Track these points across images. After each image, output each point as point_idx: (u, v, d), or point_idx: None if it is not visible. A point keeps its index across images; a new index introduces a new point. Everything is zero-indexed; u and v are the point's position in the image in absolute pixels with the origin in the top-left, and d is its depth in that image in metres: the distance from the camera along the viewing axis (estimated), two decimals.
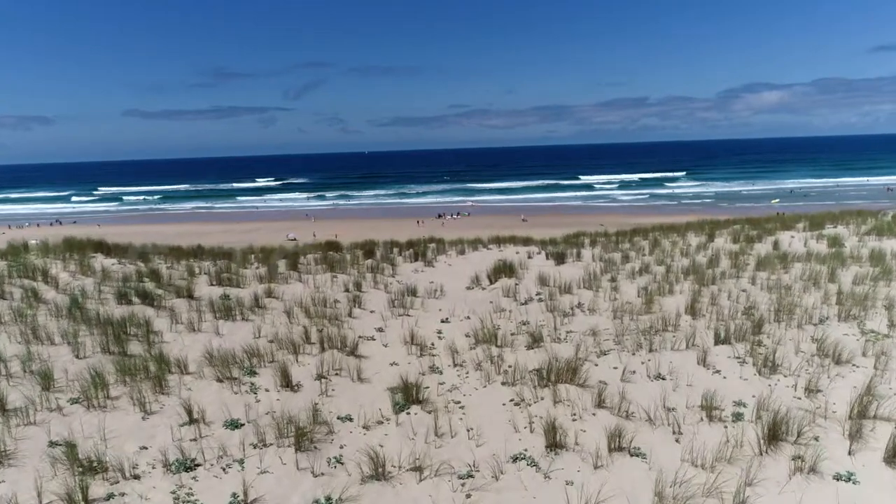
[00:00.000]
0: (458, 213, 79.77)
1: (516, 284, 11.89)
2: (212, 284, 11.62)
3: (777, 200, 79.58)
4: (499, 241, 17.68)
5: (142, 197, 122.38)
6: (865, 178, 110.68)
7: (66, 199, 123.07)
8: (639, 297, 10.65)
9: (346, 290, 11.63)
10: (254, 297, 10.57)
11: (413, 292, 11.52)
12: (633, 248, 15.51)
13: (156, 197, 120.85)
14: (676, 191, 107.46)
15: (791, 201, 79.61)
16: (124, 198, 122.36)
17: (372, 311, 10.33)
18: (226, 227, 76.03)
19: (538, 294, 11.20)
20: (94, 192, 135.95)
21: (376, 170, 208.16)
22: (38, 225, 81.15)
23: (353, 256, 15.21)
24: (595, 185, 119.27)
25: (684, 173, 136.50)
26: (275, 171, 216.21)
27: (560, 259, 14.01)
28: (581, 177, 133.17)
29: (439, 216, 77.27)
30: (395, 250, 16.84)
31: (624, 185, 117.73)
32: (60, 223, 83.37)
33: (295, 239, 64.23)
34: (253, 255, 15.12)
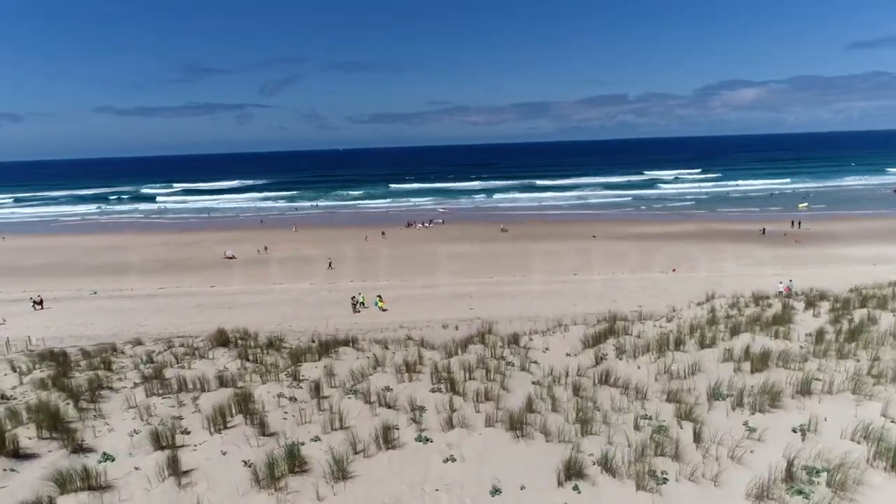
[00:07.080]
0: (430, 221, 70.48)
1: None
2: None
3: (805, 205, 71.81)
4: (450, 379, 7.78)
5: (83, 206, 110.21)
6: (862, 178, 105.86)
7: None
8: None
9: None
10: None
11: None
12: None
13: (93, 206, 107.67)
14: (667, 192, 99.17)
15: (810, 207, 71.56)
16: (61, 206, 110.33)
17: None
18: (165, 239, 65.45)
19: None
20: (37, 195, 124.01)
21: (349, 169, 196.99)
22: None
23: None
24: (579, 187, 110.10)
25: (672, 173, 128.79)
26: (241, 170, 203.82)
27: None
28: (564, 178, 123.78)
29: (409, 224, 67.98)
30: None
31: (610, 187, 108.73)
32: None
33: (233, 256, 53.64)
34: None
